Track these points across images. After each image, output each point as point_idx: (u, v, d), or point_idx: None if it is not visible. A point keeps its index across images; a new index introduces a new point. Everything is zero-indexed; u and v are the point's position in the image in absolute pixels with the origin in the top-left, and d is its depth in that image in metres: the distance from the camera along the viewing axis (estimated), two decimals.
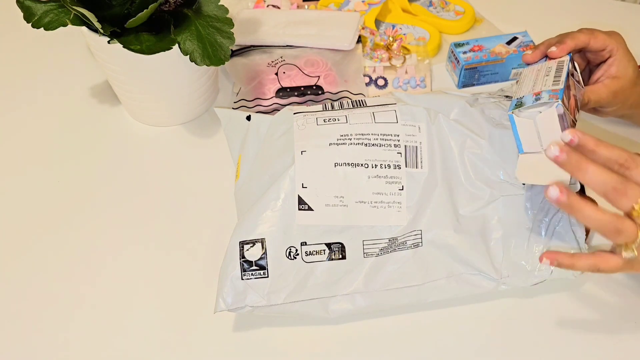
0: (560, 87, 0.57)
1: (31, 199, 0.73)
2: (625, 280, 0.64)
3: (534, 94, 0.57)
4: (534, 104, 0.56)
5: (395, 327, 0.61)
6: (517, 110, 0.57)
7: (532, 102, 0.56)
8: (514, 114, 0.57)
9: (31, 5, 0.68)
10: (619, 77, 0.65)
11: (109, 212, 0.71)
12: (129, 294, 0.64)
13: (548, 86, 0.58)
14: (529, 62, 0.65)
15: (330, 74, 0.81)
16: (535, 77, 0.61)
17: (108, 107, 0.82)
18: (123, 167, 0.76)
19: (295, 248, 0.60)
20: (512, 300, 0.63)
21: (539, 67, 0.63)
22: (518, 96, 0.59)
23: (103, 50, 0.71)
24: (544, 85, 0.58)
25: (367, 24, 0.88)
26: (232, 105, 0.79)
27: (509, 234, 0.62)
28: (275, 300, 0.59)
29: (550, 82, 0.58)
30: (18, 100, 0.84)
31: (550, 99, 0.55)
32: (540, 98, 0.56)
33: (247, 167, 0.66)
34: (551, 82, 0.58)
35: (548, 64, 0.62)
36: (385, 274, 0.60)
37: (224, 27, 0.68)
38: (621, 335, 0.61)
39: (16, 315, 0.63)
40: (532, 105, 0.56)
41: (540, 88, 0.58)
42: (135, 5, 0.67)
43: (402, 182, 0.60)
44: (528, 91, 0.59)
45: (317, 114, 0.64)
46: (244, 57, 0.83)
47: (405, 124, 0.62)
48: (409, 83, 0.84)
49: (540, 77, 0.60)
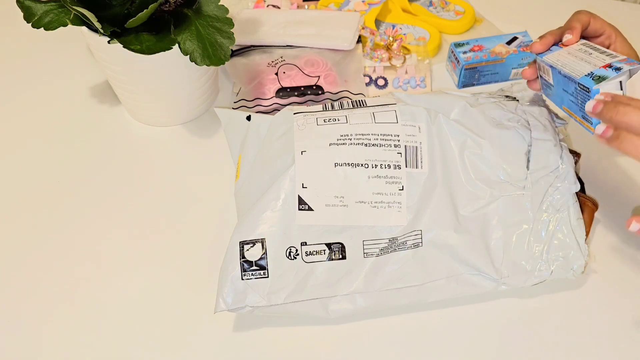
0: (624, 57, 0.57)
1: (31, 199, 0.73)
2: (625, 280, 0.64)
3: (604, 67, 0.56)
4: (618, 74, 0.55)
5: (395, 327, 0.61)
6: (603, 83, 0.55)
7: (614, 73, 0.55)
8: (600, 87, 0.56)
9: (31, 5, 0.68)
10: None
11: (109, 212, 0.71)
12: (129, 294, 0.64)
13: (611, 59, 0.57)
14: (538, 51, 0.64)
15: (330, 74, 0.81)
16: (578, 58, 0.59)
17: (108, 107, 0.83)
18: (123, 167, 0.76)
19: (295, 248, 0.60)
20: (512, 300, 0.63)
21: (567, 51, 0.61)
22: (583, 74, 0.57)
23: (103, 50, 0.71)
24: (603, 61, 0.57)
25: (367, 24, 0.88)
26: (232, 105, 0.79)
27: (509, 234, 0.62)
28: (275, 301, 0.59)
29: (607, 57, 0.58)
30: (18, 101, 0.84)
31: (633, 65, 0.55)
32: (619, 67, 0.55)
33: (247, 167, 0.66)
34: (608, 56, 0.58)
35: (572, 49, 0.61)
36: (385, 274, 0.60)
37: (224, 27, 0.68)
38: (621, 335, 0.61)
39: (15, 315, 0.63)
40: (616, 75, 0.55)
41: (604, 62, 0.57)
42: (135, 5, 0.67)
43: (402, 182, 0.60)
44: (590, 67, 0.57)
45: (317, 114, 0.64)
46: (244, 57, 0.83)
47: (406, 124, 0.62)
48: (409, 83, 0.84)
49: (585, 56, 0.59)
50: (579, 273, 0.61)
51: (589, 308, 0.62)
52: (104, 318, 0.63)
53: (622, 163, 0.74)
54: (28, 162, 0.77)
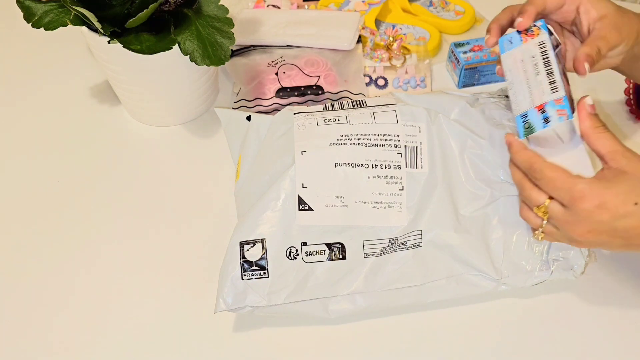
0: (562, 95, 0.54)
1: (31, 199, 0.73)
2: (625, 280, 0.64)
3: (538, 109, 0.55)
4: (545, 128, 0.54)
5: (395, 327, 0.61)
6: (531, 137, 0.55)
7: (543, 126, 0.54)
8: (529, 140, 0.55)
9: (31, 5, 0.68)
10: (605, 14, 0.59)
11: (109, 212, 0.71)
12: (129, 294, 0.64)
13: (547, 93, 0.54)
14: (491, 45, 0.61)
15: (330, 74, 0.81)
16: (526, 76, 0.57)
17: (108, 107, 0.82)
18: (123, 167, 0.76)
19: (295, 248, 0.60)
20: (512, 300, 0.63)
21: (521, 57, 0.58)
22: (521, 112, 0.56)
23: (103, 50, 0.71)
24: (543, 93, 0.55)
25: (367, 24, 0.88)
26: (232, 105, 0.79)
27: (509, 234, 0.62)
28: (275, 301, 0.59)
29: (546, 85, 0.55)
30: (18, 101, 0.84)
31: (560, 117, 0.53)
32: (548, 117, 0.54)
33: (247, 167, 0.66)
34: (548, 85, 0.55)
35: (529, 50, 0.57)
36: (385, 274, 0.60)
37: (224, 27, 0.68)
38: (621, 335, 0.61)
39: (14, 314, 0.63)
40: (544, 130, 0.54)
41: (541, 98, 0.55)
42: (135, 5, 0.67)
43: (402, 182, 0.60)
44: (528, 104, 0.55)
45: (317, 114, 0.64)
46: (244, 57, 0.83)
47: (406, 124, 0.62)
48: (409, 83, 0.84)
49: (531, 75, 0.56)
50: (579, 273, 0.61)
51: (588, 308, 0.62)
52: (104, 318, 0.62)
53: None
54: (28, 162, 0.77)
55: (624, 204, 0.51)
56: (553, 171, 0.53)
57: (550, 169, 0.53)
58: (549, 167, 0.53)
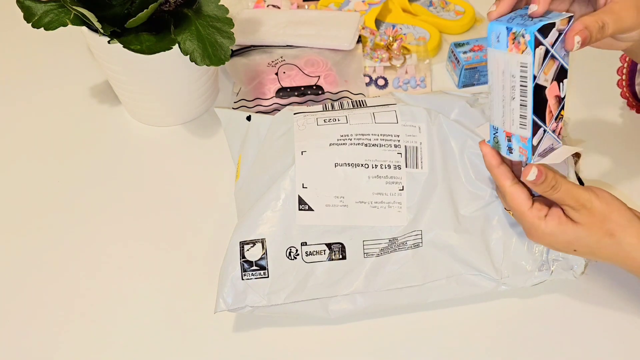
0: (527, 135, 0.52)
1: (31, 199, 0.73)
2: (625, 280, 0.64)
3: (506, 135, 0.53)
4: (508, 155, 0.54)
5: (395, 328, 0.61)
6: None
7: (507, 153, 0.54)
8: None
9: (31, 5, 0.68)
10: None
11: (108, 212, 0.71)
12: (129, 294, 0.64)
13: (516, 126, 0.52)
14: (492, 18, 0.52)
15: (330, 74, 0.81)
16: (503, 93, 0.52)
17: (108, 107, 0.82)
18: (123, 167, 0.76)
19: (295, 248, 0.60)
20: (512, 300, 0.63)
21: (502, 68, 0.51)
22: (493, 123, 0.54)
23: (103, 50, 0.71)
24: (512, 123, 0.52)
25: (367, 24, 0.88)
26: (232, 105, 0.79)
27: (509, 234, 0.62)
28: (275, 301, 0.59)
29: (517, 117, 0.52)
30: (18, 100, 0.84)
31: (521, 155, 0.53)
32: (512, 148, 0.53)
33: (247, 167, 0.66)
34: (519, 119, 0.52)
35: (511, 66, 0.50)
36: (385, 274, 0.60)
37: (224, 27, 0.68)
38: (621, 335, 0.61)
39: (13, 314, 0.63)
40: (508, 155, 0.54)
41: (510, 127, 0.53)
42: (135, 5, 0.67)
43: (402, 182, 0.60)
44: (500, 122, 0.54)
45: (317, 114, 0.64)
46: (244, 57, 0.83)
47: (406, 124, 0.62)
48: (409, 83, 0.84)
49: (507, 96, 0.52)
50: (579, 273, 0.61)
51: (589, 308, 0.62)
52: (103, 318, 0.62)
53: (622, 163, 0.74)
54: (27, 162, 0.77)
55: (565, 249, 0.56)
56: (512, 199, 0.55)
57: (511, 197, 0.55)
58: (510, 195, 0.55)
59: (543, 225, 0.55)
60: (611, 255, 0.56)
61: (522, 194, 0.55)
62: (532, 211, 0.55)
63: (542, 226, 0.55)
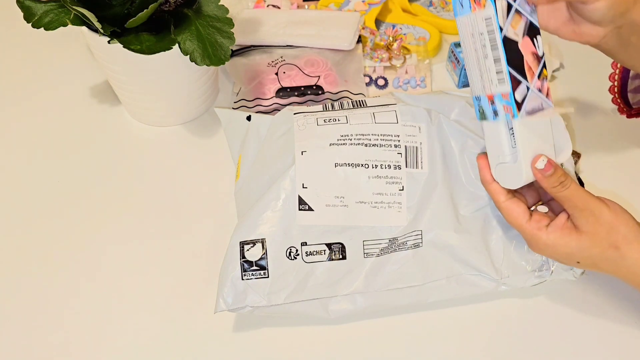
0: (507, 90, 0.50)
1: (31, 199, 0.73)
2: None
3: (488, 99, 0.53)
4: (495, 120, 0.53)
5: (395, 328, 0.61)
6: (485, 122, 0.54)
7: (493, 118, 0.53)
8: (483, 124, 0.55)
9: (31, 5, 0.68)
10: None
11: (108, 212, 0.71)
12: (129, 294, 0.64)
13: (495, 84, 0.51)
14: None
15: (330, 74, 0.81)
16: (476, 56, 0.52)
17: (108, 107, 0.82)
18: (123, 167, 0.76)
19: (295, 248, 0.60)
20: (512, 300, 0.63)
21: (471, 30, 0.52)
22: (475, 94, 0.54)
23: (103, 50, 0.71)
24: (491, 82, 0.51)
25: (367, 24, 0.88)
26: (232, 105, 0.79)
27: (509, 234, 0.62)
28: (275, 301, 0.59)
29: (494, 73, 0.51)
30: (18, 100, 0.84)
31: (507, 114, 0.51)
32: (497, 110, 0.52)
33: (247, 167, 0.66)
34: (495, 75, 0.51)
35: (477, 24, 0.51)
36: (385, 274, 0.60)
37: (224, 27, 0.68)
38: (621, 336, 0.61)
39: (13, 314, 0.63)
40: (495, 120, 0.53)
41: (490, 88, 0.52)
42: (135, 5, 0.67)
43: (402, 182, 0.60)
44: (480, 89, 0.53)
45: (317, 114, 0.64)
46: (244, 57, 0.83)
47: (406, 124, 0.62)
48: (409, 83, 0.84)
49: (481, 58, 0.52)
50: (579, 273, 0.61)
51: (588, 308, 0.62)
52: (102, 318, 0.62)
53: (622, 163, 0.74)
54: (27, 162, 0.77)
55: (567, 260, 0.56)
56: (508, 214, 0.56)
57: (506, 212, 0.56)
58: (505, 210, 0.56)
59: (544, 235, 0.55)
60: (614, 269, 0.55)
61: (517, 207, 0.55)
62: (531, 223, 0.55)
63: (544, 237, 0.55)
